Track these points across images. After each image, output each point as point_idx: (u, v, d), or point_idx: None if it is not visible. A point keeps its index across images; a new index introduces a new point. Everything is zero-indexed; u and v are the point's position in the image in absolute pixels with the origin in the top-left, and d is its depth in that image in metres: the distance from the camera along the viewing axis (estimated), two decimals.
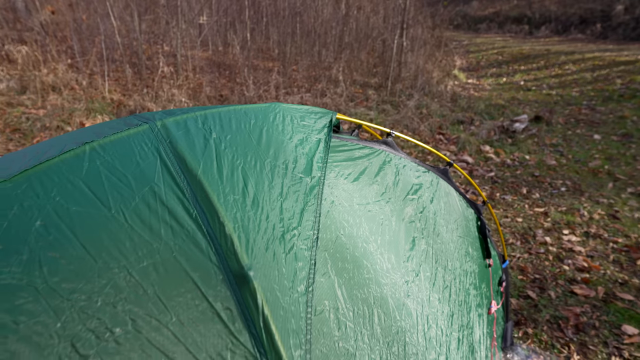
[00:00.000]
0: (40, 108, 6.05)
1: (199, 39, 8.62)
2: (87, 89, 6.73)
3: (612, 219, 3.39)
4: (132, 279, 0.52)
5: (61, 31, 8.55)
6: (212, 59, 8.64)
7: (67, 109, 5.96)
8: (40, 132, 5.29)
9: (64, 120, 5.63)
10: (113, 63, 8.05)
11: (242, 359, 0.50)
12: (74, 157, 0.63)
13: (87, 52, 7.88)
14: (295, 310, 0.56)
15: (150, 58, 8.40)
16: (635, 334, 2.09)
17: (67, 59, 7.68)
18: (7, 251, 0.52)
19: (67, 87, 6.76)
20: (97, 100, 6.36)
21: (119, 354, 0.47)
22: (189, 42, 8.36)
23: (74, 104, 6.20)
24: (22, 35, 8.13)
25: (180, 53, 7.69)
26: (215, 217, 0.58)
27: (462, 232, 1.42)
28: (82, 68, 7.57)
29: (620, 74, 8.52)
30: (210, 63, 8.35)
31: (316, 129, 1.00)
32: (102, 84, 6.91)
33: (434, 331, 1.00)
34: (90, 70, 7.56)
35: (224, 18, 9.81)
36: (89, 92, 6.62)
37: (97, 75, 7.31)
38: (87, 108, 6.04)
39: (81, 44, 8.16)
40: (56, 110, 5.93)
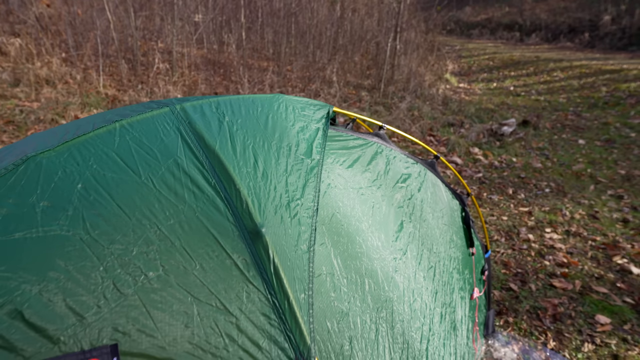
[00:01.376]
0: (34, 101, 6.04)
1: (195, 36, 8.66)
2: (81, 83, 6.73)
3: (591, 218, 3.54)
4: (162, 233, 0.61)
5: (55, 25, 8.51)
6: (207, 57, 8.68)
7: (61, 103, 5.96)
8: (34, 124, 5.30)
9: (58, 114, 5.63)
10: (107, 58, 8.04)
11: (256, 299, 0.59)
12: (106, 132, 0.72)
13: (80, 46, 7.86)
14: (299, 263, 0.66)
15: (145, 54, 8.41)
16: (607, 323, 2.22)
17: (61, 52, 7.66)
18: (55, 208, 0.60)
19: (61, 80, 6.75)
20: (92, 94, 6.37)
21: (153, 292, 0.56)
22: (184, 40, 8.39)
23: (68, 97, 6.20)
24: (14, 27, 8.08)
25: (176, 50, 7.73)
26: (231, 185, 0.68)
27: (447, 220, 1.53)
28: (76, 62, 7.55)
29: (605, 82, 8.77)
30: (206, 61, 8.39)
31: (315, 119, 1.09)
32: (96, 79, 6.91)
33: (419, 304, 1.10)
34: (84, 65, 7.54)
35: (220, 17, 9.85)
36: (84, 87, 6.63)
37: (91, 70, 7.30)
38: (82, 102, 6.05)
39: (75, 38, 8.13)
40: (50, 103, 5.93)
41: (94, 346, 0.52)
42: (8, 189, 0.62)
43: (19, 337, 0.51)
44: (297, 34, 10.13)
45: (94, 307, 0.54)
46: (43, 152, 0.67)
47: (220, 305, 0.57)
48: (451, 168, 1.63)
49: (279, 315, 0.59)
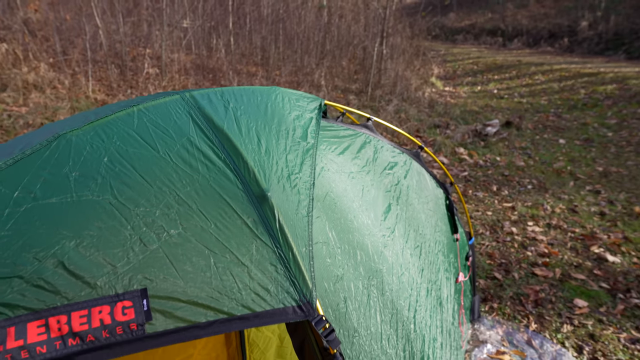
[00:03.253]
0: (22, 106, 6.01)
1: (184, 41, 8.72)
2: (70, 88, 6.72)
3: (571, 212, 3.71)
4: (180, 198, 0.69)
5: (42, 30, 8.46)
6: (196, 62, 8.74)
7: (50, 107, 5.95)
8: (23, 129, 5.29)
9: (47, 118, 5.63)
10: (95, 64, 8.03)
11: (264, 252, 0.68)
12: (125, 115, 0.80)
13: (68, 51, 7.84)
14: (300, 224, 0.75)
15: (134, 60, 8.42)
16: (585, 306, 2.36)
17: (49, 58, 7.63)
18: (86, 177, 0.68)
19: (49, 86, 6.73)
20: (82, 99, 6.37)
21: (175, 247, 0.64)
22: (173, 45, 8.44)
23: (57, 102, 6.19)
24: None
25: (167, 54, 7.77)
26: (239, 158, 0.76)
27: (432, 206, 1.64)
28: (64, 68, 7.52)
29: (584, 84, 9.09)
30: (195, 66, 8.44)
31: (309, 109, 1.19)
32: (85, 84, 6.91)
33: (406, 277, 1.19)
34: (72, 70, 7.53)
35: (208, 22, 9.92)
36: (73, 91, 6.62)
37: (79, 75, 7.28)
38: (72, 107, 6.05)
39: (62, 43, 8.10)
40: (39, 108, 5.92)
41: (126, 290, 0.60)
42: (44, 161, 0.69)
43: (62, 283, 0.59)
44: (285, 39, 10.26)
45: (124, 259, 0.62)
46: (71, 131, 0.75)
47: (234, 257, 0.66)
48: (433, 157, 1.75)
49: (284, 264, 0.68)
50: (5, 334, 0.55)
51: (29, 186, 0.66)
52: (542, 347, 2.03)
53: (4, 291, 0.57)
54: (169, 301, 0.61)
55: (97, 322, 0.58)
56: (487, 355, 1.98)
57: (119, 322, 0.58)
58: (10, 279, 0.58)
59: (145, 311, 0.59)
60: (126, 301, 0.59)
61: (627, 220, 3.48)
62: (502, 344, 2.07)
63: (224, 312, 0.62)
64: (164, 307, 0.60)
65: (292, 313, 0.64)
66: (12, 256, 0.59)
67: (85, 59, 7.39)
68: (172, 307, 0.60)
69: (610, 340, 2.10)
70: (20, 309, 0.57)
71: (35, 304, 0.57)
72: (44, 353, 0.56)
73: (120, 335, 0.58)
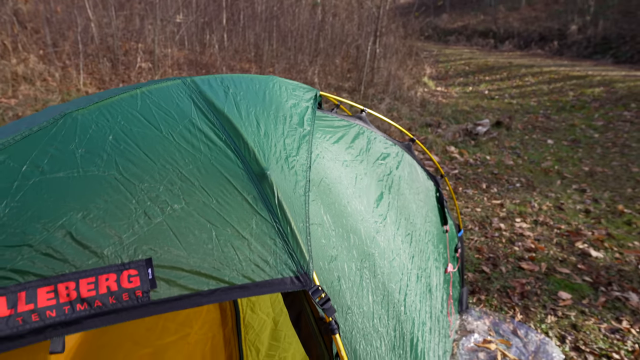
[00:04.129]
0: (11, 97, 5.94)
1: (177, 36, 8.67)
2: (61, 81, 6.65)
3: (557, 209, 3.80)
4: (183, 175, 0.72)
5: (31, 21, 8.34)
6: (189, 58, 8.69)
7: (40, 100, 5.88)
8: (13, 120, 5.22)
9: (37, 110, 5.56)
10: (86, 57, 7.93)
11: (263, 226, 0.71)
12: (129, 97, 0.83)
13: (58, 44, 7.74)
14: (297, 202, 0.78)
15: (126, 54, 8.34)
16: (569, 298, 2.43)
17: (39, 50, 7.53)
18: (91, 153, 0.71)
19: (39, 78, 6.65)
20: (73, 92, 6.31)
21: (178, 220, 0.67)
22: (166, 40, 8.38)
23: (47, 95, 6.12)
24: None
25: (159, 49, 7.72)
26: (240, 139, 0.79)
27: (423, 197, 1.68)
28: (54, 60, 7.43)
29: (572, 87, 9.27)
30: (188, 61, 8.41)
31: (305, 99, 1.23)
32: (76, 77, 6.84)
33: (397, 262, 1.24)
34: (62, 63, 7.44)
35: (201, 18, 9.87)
36: (64, 84, 6.55)
37: (70, 68, 7.20)
38: (62, 100, 5.98)
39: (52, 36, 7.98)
40: (29, 100, 5.85)
41: (132, 260, 0.63)
42: (50, 137, 0.72)
43: (70, 252, 0.62)
44: (279, 36, 10.26)
45: (129, 230, 0.65)
46: (77, 110, 0.77)
47: (234, 230, 0.69)
48: (425, 150, 1.79)
49: (282, 238, 0.71)
50: (16, 298, 0.58)
51: (37, 161, 0.68)
52: (527, 337, 2.09)
53: (14, 258, 0.59)
54: (173, 270, 0.64)
55: (104, 289, 0.60)
56: (474, 344, 2.04)
57: (125, 289, 0.61)
58: (20, 247, 0.60)
59: (150, 279, 0.62)
60: (132, 270, 0.62)
61: (611, 218, 3.58)
62: (488, 333, 2.13)
63: (225, 282, 0.65)
64: (168, 276, 0.63)
65: (290, 283, 0.68)
66: (21, 226, 0.62)
67: (77, 51, 7.31)
68: (176, 276, 0.63)
69: (591, 330, 2.18)
70: (30, 275, 0.59)
71: (44, 271, 0.60)
72: (54, 317, 0.58)
73: (127, 302, 0.61)
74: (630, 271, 2.74)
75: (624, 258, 2.92)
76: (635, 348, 2.04)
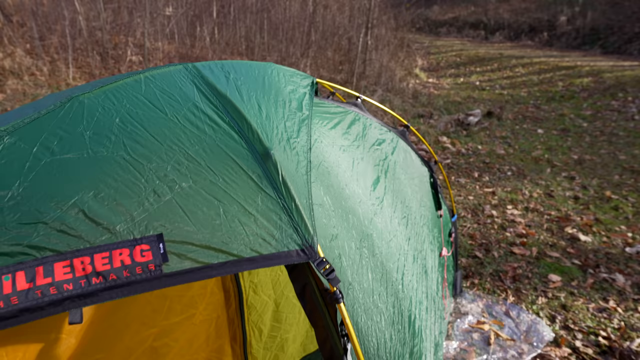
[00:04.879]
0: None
1: (167, 29, 8.57)
2: (50, 75, 6.55)
3: (547, 197, 3.89)
4: (190, 156, 0.74)
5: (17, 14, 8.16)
6: (180, 51, 8.61)
7: (29, 94, 5.80)
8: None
9: None
10: (75, 50, 7.81)
11: (269, 203, 0.74)
12: (133, 81, 0.84)
13: (45, 37, 7.60)
14: (300, 181, 0.81)
15: (115, 47, 8.23)
16: (558, 281, 2.51)
17: (25, 43, 7.40)
18: (100, 136, 0.73)
19: (27, 72, 6.54)
20: (62, 86, 6.23)
21: (186, 198, 0.70)
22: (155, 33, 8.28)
23: (36, 89, 6.04)
24: None
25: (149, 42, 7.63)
26: (243, 121, 0.82)
27: (417, 182, 1.72)
28: (42, 54, 7.30)
29: (562, 77, 9.38)
30: (179, 55, 8.33)
31: (302, 85, 1.25)
32: (65, 71, 6.75)
33: (394, 243, 1.27)
34: (50, 57, 7.32)
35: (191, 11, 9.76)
36: (53, 79, 6.46)
37: (58, 62, 7.10)
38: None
39: (39, 29, 7.83)
40: (17, 95, 5.76)
41: (143, 235, 0.66)
42: (59, 120, 0.73)
43: (84, 228, 0.64)
44: (270, 29, 10.18)
45: (140, 207, 0.67)
46: (83, 94, 0.79)
47: (241, 207, 0.72)
48: (418, 135, 1.83)
49: (287, 213, 0.74)
50: (34, 272, 0.60)
51: (47, 143, 0.70)
52: (519, 317, 2.16)
53: (30, 234, 0.62)
54: (184, 245, 0.66)
55: (118, 263, 0.63)
56: (468, 325, 2.10)
57: (138, 262, 0.63)
58: (35, 224, 0.62)
59: (162, 254, 0.65)
60: (144, 245, 0.65)
61: (599, 204, 3.67)
62: (482, 315, 2.19)
63: (234, 255, 0.67)
64: (179, 250, 0.66)
65: (295, 255, 0.71)
66: (35, 204, 0.64)
67: (65, 45, 7.20)
68: (186, 250, 0.66)
69: (580, 310, 2.25)
70: (46, 250, 0.61)
71: (60, 247, 0.62)
72: (71, 290, 0.61)
73: (140, 275, 0.63)
74: (616, 254, 2.82)
75: (611, 241, 3.00)
76: (621, 325, 2.12)
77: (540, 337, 2.02)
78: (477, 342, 2.00)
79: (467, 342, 2.00)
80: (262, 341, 1.38)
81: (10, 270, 0.59)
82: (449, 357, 1.90)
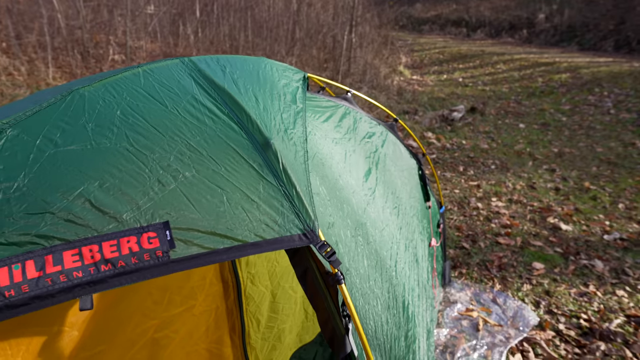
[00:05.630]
0: None
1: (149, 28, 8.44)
2: (28, 75, 6.38)
3: (530, 188, 4.01)
4: (191, 146, 0.76)
5: None
6: (164, 50, 8.49)
7: (7, 95, 5.65)
8: None
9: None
10: (54, 50, 7.62)
11: (270, 190, 0.76)
12: (131, 75, 0.85)
13: (22, 36, 7.39)
14: (299, 169, 0.83)
15: (96, 46, 8.06)
16: (542, 268, 2.60)
17: (1, 42, 7.19)
18: (102, 127, 0.74)
19: (4, 72, 6.36)
20: (42, 86, 6.08)
21: (190, 187, 0.72)
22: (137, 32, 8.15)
23: (14, 89, 5.88)
24: None
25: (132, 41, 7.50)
26: (242, 112, 0.84)
27: (406, 174, 1.77)
28: (19, 53, 7.10)
29: (541, 73, 9.61)
30: (162, 54, 8.21)
31: (295, 79, 1.27)
32: (45, 71, 6.59)
33: (387, 232, 1.31)
34: (28, 57, 7.13)
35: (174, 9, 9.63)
36: (32, 79, 6.30)
37: (37, 61, 6.92)
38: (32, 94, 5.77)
39: (15, 27, 7.61)
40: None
41: (150, 223, 0.67)
42: (60, 113, 0.74)
43: (91, 217, 0.65)
44: (254, 27, 10.13)
45: (145, 197, 0.69)
46: (83, 87, 0.79)
47: (244, 195, 0.74)
48: (406, 128, 1.87)
49: (289, 200, 0.77)
50: (43, 261, 0.61)
51: (49, 135, 0.71)
52: (506, 304, 2.24)
53: (38, 224, 0.63)
54: (189, 231, 0.68)
55: (126, 250, 0.64)
56: (457, 313, 2.17)
57: (146, 249, 0.65)
58: (42, 214, 0.63)
59: (169, 240, 0.67)
60: (150, 232, 0.66)
61: (578, 194, 3.81)
62: (470, 303, 2.26)
63: (238, 240, 0.70)
64: (185, 237, 0.68)
65: (298, 240, 0.74)
66: (41, 195, 0.65)
67: (43, 44, 7.02)
68: (192, 236, 0.68)
69: (562, 295, 2.35)
70: (54, 239, 0.62)
71: (68, 236, 0.63)
72: (80, 277, 0.62)
73: (148, 261, 0.65)
74: (595, 241, 2.94)
75: (590, 230, 3.12)
76: (600, 308, 2.22)
77: (526, 322, 2.09)
78: (466, 329, 2.06)
79: (456, 329, 2.07)
80: (260, 332, 1.40)
81: (19, 260, 0.60)
82: (439, 344, 1.96)
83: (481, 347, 1.93)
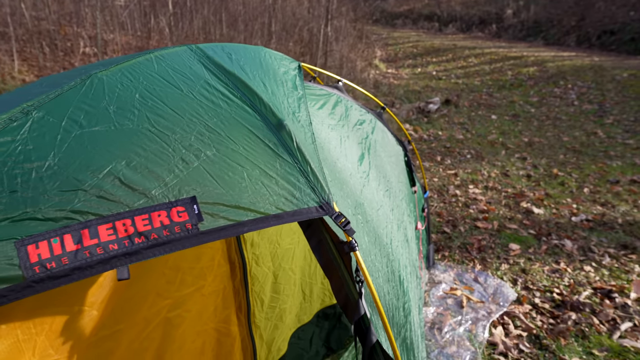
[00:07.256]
0: None
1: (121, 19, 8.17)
2: None
3: (504, 176, 4.21)
4: (209, 127, 0.80)
5: None
6: (137, 44, 8.25)
7: None
8: None
9: None
10: (18, 42, 7.26)
11: (286, 167, 0.81)
12: (145, 60, 0.88)
13: None
14: (309, 148, 0.88)
15: (64, 39, 7.74)
16: (517, 249, 2.77)
17: None
18: (124, 110, 0.77)
19: None
20: (7, 80, 5.80)
21: (212, 164, 0.76)
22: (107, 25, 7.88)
23: None
24: None
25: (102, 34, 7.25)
26: (254, 95, 0.88)
27: (394, 160, 1.85)
28: None
29: (510, 67, 9.98)
30: (136, 48, 7.98)
31: (291, 67, 1.32)
32: (9, 64, 6.28)
33: (382, 212, 1.39)
34: None
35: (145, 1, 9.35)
36: None
37: (0, 54, 6.58)
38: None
39: None
40: None
41: (177, 198, 0.71)
42: (82, 95, 0.76)
43: (122, 194, 0.68)
44: (229, 20, 9.99)
45: (171, 174, 0.72)
46: (100, 72, 0.82)
47: (262, 171, 0.79)
48: (392, 116, 1.96)
49: (304, 176, 0.82)
50: (80, 235, 0.64)
51: (74, 117, 0.73)
52: (486, 282, 2.38)
53: (72, 200, 0.65)
54: (215, 205, 0.72)
55: (157, 224, 0.68)
56: (442, 292, 2.29)
57: (176, 222, 0.69)
58: (75, 191, 0.66)
59: (197, 214, 0.71)
60: (179, 207, 0.70)
61: (548, 180, 4.04)
62: (454, 282, 2.38)
63: (261, 212, 0.75)
64: (211, 211, 0.72)
65: (315, 211, 0.79)
66: (72, 173, 0.68)
67: (6, 36, 6.69)
68: (219, 210, 0.72)
69: (537, 272, 2.52)
70: (89, 214, 0.66)
71: (101, 211, 0.66)
72: (116, 249, 0.65)
73: (179, 233, 0.69)
74: (565, 223, 3.15)
75: (559, 212, 3.33)
76: (570, 283, 2.40)
77: (506, 298, 2.24)
78: (451, 306, 2.19)
79: (442, 307, 2.18)
80: (263, 311, 1.45)
81: (58, 234, 0.63)
82: (427, 321, 2.07)
83: (466, 322, 2.06)
